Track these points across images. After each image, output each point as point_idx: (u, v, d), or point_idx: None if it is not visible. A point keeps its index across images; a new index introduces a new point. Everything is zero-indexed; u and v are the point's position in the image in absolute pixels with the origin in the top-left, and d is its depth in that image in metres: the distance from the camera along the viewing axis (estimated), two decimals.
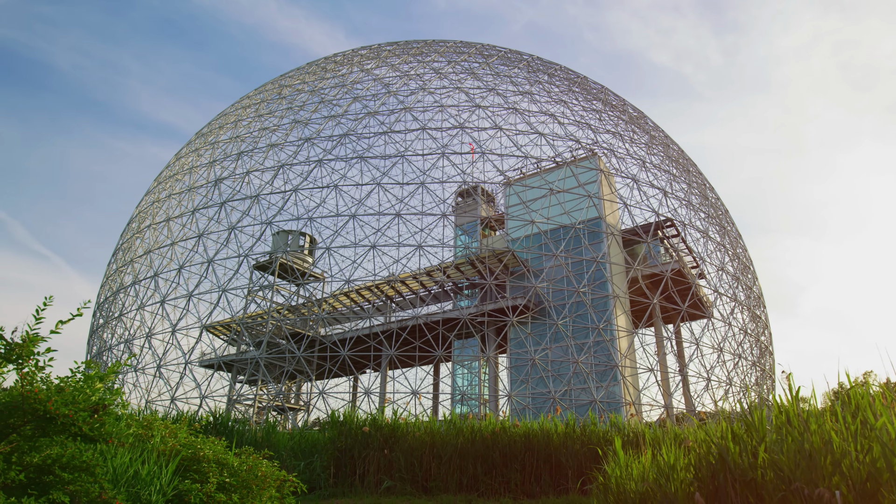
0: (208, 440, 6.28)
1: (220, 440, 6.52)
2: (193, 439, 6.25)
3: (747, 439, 3.99)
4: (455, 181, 30.61)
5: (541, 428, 13.07)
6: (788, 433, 3.67)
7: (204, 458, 5.65)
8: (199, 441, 6.10)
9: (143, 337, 31.04)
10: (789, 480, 3.28)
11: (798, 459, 3.34)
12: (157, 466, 5.06)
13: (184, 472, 5.48)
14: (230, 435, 12.63)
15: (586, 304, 28.82)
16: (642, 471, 5.01)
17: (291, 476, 6.45)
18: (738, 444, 3.93)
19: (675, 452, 4.77)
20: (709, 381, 29.20)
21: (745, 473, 3.69)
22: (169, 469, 5.09)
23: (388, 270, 34.40)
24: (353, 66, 38.99)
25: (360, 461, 12.12)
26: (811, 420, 3.69)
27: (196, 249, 30.88)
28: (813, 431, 3.50)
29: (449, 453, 12.11)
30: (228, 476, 5.66)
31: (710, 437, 4.45)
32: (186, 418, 9.48)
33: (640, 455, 5.49)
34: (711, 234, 34.17)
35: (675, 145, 40.26)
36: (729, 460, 3.80)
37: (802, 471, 3.31)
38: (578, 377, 27.96)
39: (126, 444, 4.79)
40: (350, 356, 30.82)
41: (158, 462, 5.18)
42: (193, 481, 5.28)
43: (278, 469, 6.53)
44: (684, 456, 4.71)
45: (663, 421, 26.26)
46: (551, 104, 34.72)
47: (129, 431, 5.39)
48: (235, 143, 34.90)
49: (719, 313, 32.64)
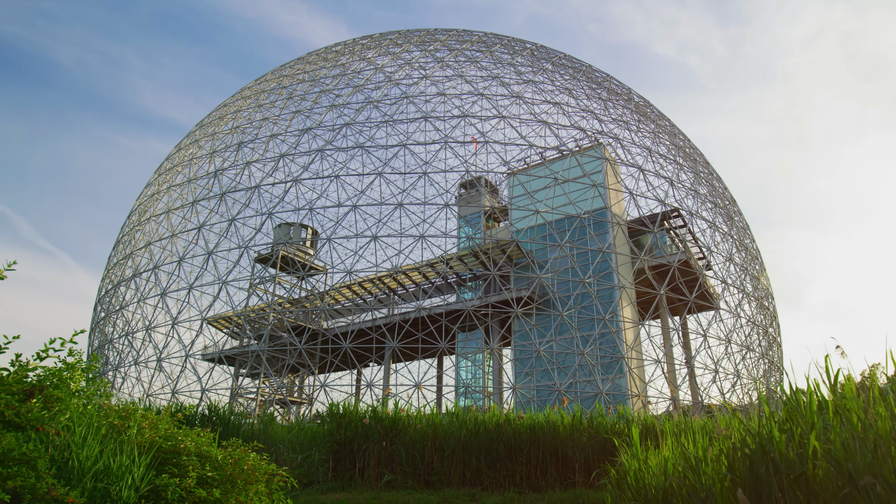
0: (192, 432, 5.85)
1: (206, 432, 6.09)
2: (176, 431, 5.82)
3: (793, 427, 3.48)
4: (458, 171, 30.07)
5: (546, 420, 12.64)
6: (843, 419, 3.17)
7: (185, 451, 5.22)
8: (181, 433, 5.66)
9: (143, 330, 30.72)
10: (851, 476, 2.78)
11: (863, 450, 2.85)
12: (131, 460, 4.63)
13: (161, 466, 5.06)
14: (226, 428, 12.24)
15: (592, 294, 28.32)
16: (663, 464, 4.54)
17: (282, 470, 6.01)
18: (784, 432, 3.43)
19: (702, 443, 4.29)
20: (716, 373, 28.69)
21: (792, 467, 3.20)
22: (143, 462, 4.66)
23: (390, 262, 33.95)
24: (354, 55, 38.42)
25: (360, 454, 11.70)
26: (876, 405, 3.19)
27: (196, 241, 30.49)
28: (882, 416, 3.00)
29: (452, 446, 11.70)
30: (211, 470, 5.24)
31: (745, 426, 3.95)
32: (169, 409, 9.06)
33: (660, 447, 5.02)
34: (719, 223, 33.57)
35: (681, 134, 39.58)
36: (773, 451, 3.30)
37: (868, 464, 2.82)
38: (583, 369, 27.50)
39: (63, 434, 4.34)
40: (353, 349, 30.45)
41: (133, 455, 4.75)
42: (172, 475, 4.85)
43: (268, 462, 6.11)
44: (714, 447, 4.22)
45: (671, 414, 25.80)
46: (556, 93, 34.10)
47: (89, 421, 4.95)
48: (236, 134, 34.44)
49: (727, 304, 32.09)
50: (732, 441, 3.88)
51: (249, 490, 5.30)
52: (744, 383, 30.73)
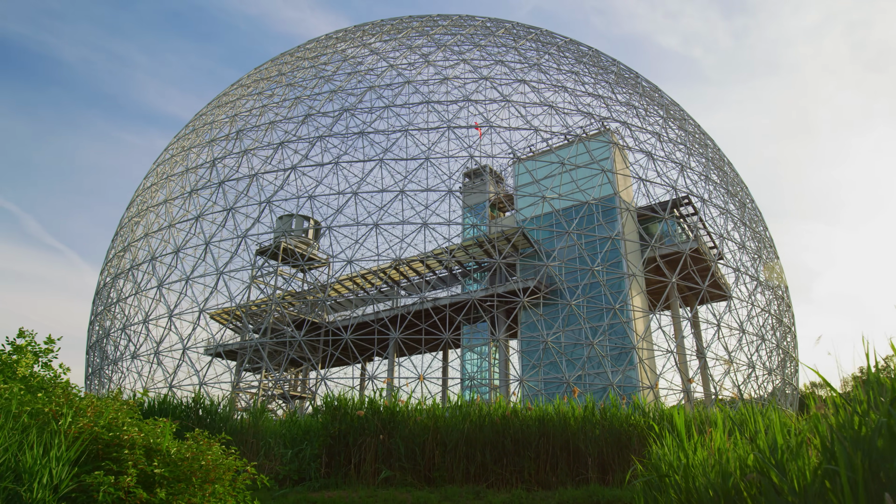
0: (145, 422, 4.99)
1: (166, 422, 5.23)
2: (128, 421, 4.95)
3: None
4: (461, 157, 29.09)
5: (556, 411, 11.78)
6: None
7: (128, 444, 4.36)
8: (131, 423, 4.80)
9: (140, 323, 30.02)
10: None
11: None
12: (53, 453, 3.78)
13: (99, 461, 4.20)
14: (214, 421, 11.44)
15: (601, 283, 27.34)
16: (717, 459, 3.62)
17: (250, 466, 5.15)
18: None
19: (785, 432, 3.36)
20: (730, 364, 27.67)
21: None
22: (68, 455, 3.80)
23: (391, 250, 33.04)
24: (355, 41, 37.44)
25: (355, 449, 10.86)
26: None
27: (193, 231, 29.72)
28: None
29: (455, 440, 10.86)
30: (161, 466, 4.38)
31: (846, 404, 3.03)
32: (119, 393, 8.25)
33: (704, 439, 4.11)
34: (731, 210, 32.45)
35: (691, 120, 38.42)
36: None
37: None
38: (592, 361, 26.57)
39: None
40: (355, 342, 29.63)
41: (60, 447, 3.90)
42: (108, 472, 3.99)
43: (238, 457, 5.25)
44: (792, 438, 3.31)
45: (682, 407, 24.86)
46: (561, 75, 33.02)
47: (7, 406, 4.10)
48: (234, 122, 33.59)
49: (740, 293, 31.04)
50: (830, 424, 2.97)
51: (206, 489, 4.43)
52: (758, 374, 29.72)
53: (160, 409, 11.29)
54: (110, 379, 32.54)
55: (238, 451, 5.48)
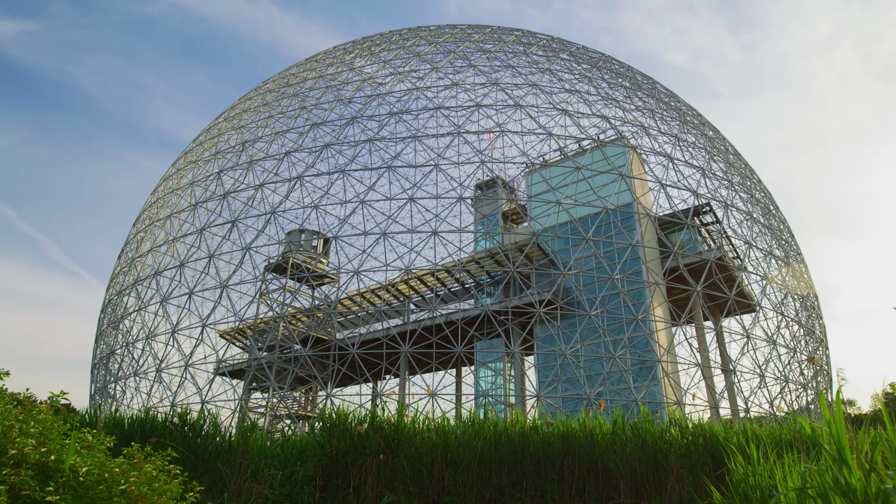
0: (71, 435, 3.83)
1: (91, 432, 4.06)
2: (56, 436, 3.80)
3: None
4: (472, 162, 28.01)
5: (582, 427, 10.45)
6: None
7: (11, 460, 3.19)
8: (38, 434, 3.64)
9: (143, 339, 29.10)
10: None
11: None
12: None
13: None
14: (194, 440, 10.26)
15: (621, 292, 25.88)
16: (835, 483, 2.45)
17: (195, 490, 3.95)
18: None
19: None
20: (762, 378, 25.94)
21: None
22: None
23: (400, 261, 31.88)
24: (363, 52, 36.92)
25: (354, 470, 9.59)
26: None
27: (197, 244, 28.89)
28: None
29: (467, 459, 9.55)
30: (63, 490, 3.21)
31: None
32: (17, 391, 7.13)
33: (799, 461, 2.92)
34: (756, 216, 30.91)
35: (710, 125, 37.14)
36: None
37: None
38: (613, 376, 25.03)
39: None
40: (364, 358, 28.38)
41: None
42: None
43: (183, 480, 4.07)
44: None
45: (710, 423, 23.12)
46: (574, 81, 32.02)
47: None
48: (240, 133, 32.99)
49: (768, 302, 29.36)
50: None
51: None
52: (792, 389, 27.90)
53: (141, 429, 10.18)
54: (114, 397, 31.58)
55: (187, 473, 4.30)
